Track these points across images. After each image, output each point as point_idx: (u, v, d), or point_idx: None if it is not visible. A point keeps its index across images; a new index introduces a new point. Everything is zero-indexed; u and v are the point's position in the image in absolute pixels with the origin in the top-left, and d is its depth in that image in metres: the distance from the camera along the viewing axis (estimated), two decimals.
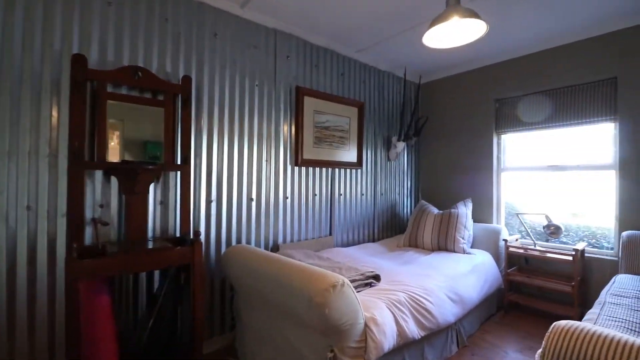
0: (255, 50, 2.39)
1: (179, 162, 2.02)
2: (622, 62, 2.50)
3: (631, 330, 1.37)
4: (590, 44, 2.64)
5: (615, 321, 1.46)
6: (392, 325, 1.66)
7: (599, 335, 0.82)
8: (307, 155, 2.68)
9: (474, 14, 1.37)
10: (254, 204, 2.38)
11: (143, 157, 1.91)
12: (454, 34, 1.56)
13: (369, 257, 2.60)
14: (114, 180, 1.82)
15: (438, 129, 3.70)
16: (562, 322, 0.92)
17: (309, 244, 2.68)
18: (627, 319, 1.48)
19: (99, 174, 1.78)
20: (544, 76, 2.91)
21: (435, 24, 1.44)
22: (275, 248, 2.49)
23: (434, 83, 3.73)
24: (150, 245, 1.77)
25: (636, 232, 2.32)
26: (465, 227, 2.91)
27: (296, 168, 2.64)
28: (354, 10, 2.34)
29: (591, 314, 1.61)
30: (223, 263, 2.03)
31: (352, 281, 1.80)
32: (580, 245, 2.60)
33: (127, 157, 1.86)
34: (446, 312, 2.02)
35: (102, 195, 1.79)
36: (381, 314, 1.62)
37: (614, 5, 2.27)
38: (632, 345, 0.76)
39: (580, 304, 2.55)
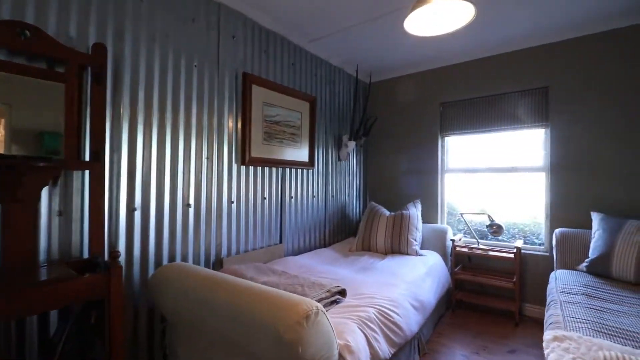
0: (194, 24, 1.97)
1: (87, 158, 1.52)
2: (553, 72, 2.71)
3: (600, 332, 1.38)
4: (526, 54, 2.82)
5: (582, 323, 1.47)
6: (366, 349, 1.45)
7: None
8: (255, 153, 2.34)
9: None
10: (191, 211, 1.96)
11: (39, 152, 1.38)
12: (437, 20, 1.42)
13: (325, 266, 2.38)
14: None
15: (387, 130, 3.66)
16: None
17: (258, 255, 2.34)
18: (590, 319, 1.51)
19: None
20: (485, 82, 3.04)
21: (419, 6, 1.28)
22: (219, 263, 2.10)
23: (384, 83, 3.69)
24: (43, 274, 1.27)
25: (567, 229, 2.52)
26: (416, 228, 2.88)
27: (243, 167, 2.28)
28: None
29: (555, 315, 1.62)
30: (151, 288, 1.59)
31: (319, 300, 1.54)
32: (519, 243, 2.76)
33: (16, 153, 1.31)
34: (411, 322, 1.90)
35: None
36: (355, 339, 1.39)
37: (547, 21, 2.42)
38: None
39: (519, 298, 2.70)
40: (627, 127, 2.40)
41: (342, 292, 1.74)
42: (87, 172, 1.52)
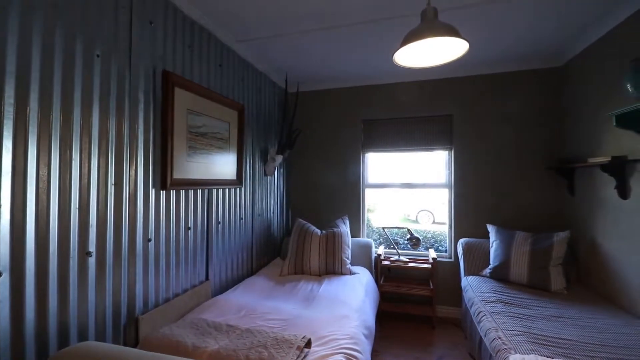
0: None
1: None
2: (455, 103, 3.12)
3: (537, 343, 1.58)
4: (436, 84, 3.16)
5: (519, 335, 1.67)
6: None
7: None
8: (178, 173, 1.85)
9: (455, 32, 1.20)
10: (92, 261, 1.38)
11: None
12: (427, 51, 1.36)
13: (265, 302, 2.08)
14: None
15: (311, 142, 3.55)
16: None
17: (183, 302, 1.86)
18: (521, 330, 1.72)
19: None
20: (403, 105, 3.27)
21: (410, 42, 1.19)
22: (133, 324, 1.56)
23: (311, 94, 3.56)
24: None
25: (470, 239, 2.93)
26: (348, 246, 2.87)
27: (163, 193, 1.77)
28: None
29: (493, 330, 1.79)
30: None
31: None
32: (432, 253, 3.06)
33: None
34: (367, 355, 1.83)
35: None
36: None
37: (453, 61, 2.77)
38: None
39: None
40: (511, 154, 2.95)
41: (309, 344, 1.51)
42: None
